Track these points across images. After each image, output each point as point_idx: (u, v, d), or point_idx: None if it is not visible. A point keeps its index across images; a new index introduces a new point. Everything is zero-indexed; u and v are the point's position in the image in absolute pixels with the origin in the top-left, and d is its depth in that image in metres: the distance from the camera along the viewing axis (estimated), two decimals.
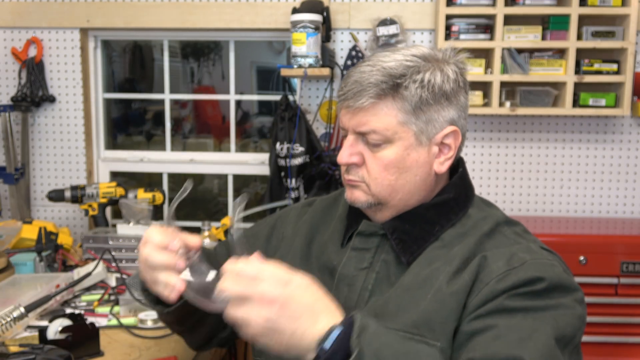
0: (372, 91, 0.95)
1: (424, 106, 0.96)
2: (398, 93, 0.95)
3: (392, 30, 2.44)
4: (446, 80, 0.97)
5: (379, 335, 0.82)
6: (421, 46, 1.02)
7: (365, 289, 1.01)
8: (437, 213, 1.02)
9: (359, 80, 0.96)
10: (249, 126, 3.76)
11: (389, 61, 0.96)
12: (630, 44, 2.34)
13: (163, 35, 2.74)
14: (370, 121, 0.96)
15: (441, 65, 0.98)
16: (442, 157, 1.01)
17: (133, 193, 2.37)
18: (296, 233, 1.18)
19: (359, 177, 1.01)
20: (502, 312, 0.89)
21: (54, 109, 2.70)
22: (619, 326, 2.21)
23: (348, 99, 0.97)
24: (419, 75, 0.95)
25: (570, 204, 2.61)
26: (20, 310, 1.48)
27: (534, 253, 0.96)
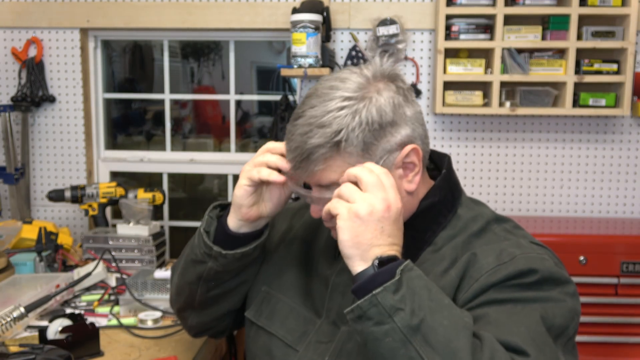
0: (315, 157, 0.93)
1: (372, 145, 0.94)
2: (342, 148, 0.93)
3: (392, 30, 2.44)
4: (384, 113, 0.94)
5: (421, 279, 0.85)
6: (351, 74, 0.97)
7: None
8: (425, 219, 1.02)
9: (299, 147, 0.94)
10: (249, 126, 3.76)
11: (322, 115, 0.93)
12: (630, 44, 2.34)
13: (163, 35, 2.74)
14: (327, 177, 0.95)
15: (374, 96, 0.94)
16: (410, 175, 0.99)
17: (133, 193, 2.37)
18: (294, 235, 1.18)
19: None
20: (492, 303, 0.89)
21: (54, 109, 2.70)
22: (619, 326, 2.21)
23: (297, 168, 0.96)
24: (355, 121, 0.92)
25: (570, 204, 2.61)
26: (20, 310, 1.48)
27: (524, 248, 0.96)
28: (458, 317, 0.83)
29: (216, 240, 1.09)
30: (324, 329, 1.05)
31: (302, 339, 1.06)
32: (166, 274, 1.72)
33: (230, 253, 1.08)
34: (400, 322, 0.80)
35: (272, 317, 1.11)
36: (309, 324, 1.07)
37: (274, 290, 1.14)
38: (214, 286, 1.14)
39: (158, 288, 1.68)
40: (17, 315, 1.48)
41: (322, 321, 1.06)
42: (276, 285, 1.14)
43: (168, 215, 2.82)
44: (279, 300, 1.12)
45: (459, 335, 0.80)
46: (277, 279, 1.15)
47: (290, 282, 1.13)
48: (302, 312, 1.08)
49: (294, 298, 1.10)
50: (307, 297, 1.10)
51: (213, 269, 1.11)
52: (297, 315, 1.09)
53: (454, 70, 2.43)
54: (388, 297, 0.81)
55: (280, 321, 1.09)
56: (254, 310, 1.15)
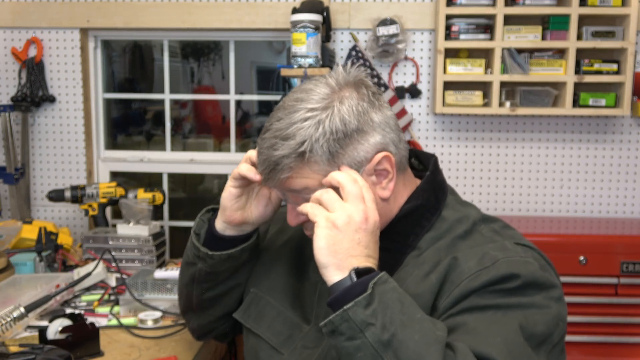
0: (281, 167, 0.94)
1: (338, 154, 0.94)
2: (307, 159, 0.93)
3: (392, 30, 2.44)
4: (347, 122, 0.93)
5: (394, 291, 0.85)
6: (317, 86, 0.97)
7: None
8: (407, 223, 1.01)
9: (267, 159, 0.95)
10: (249, 126, 3.75)
11: (287, 127, 0.93)
12: (630, 44, 2.34)
13: (163, 35, 2.74)
14: (297, 185, 0.96)
15: (337, 106, 0.94)
16: (384, 182, 0.98)
17: (133, 193, 2.37)
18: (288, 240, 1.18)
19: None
20: (473, 310, 0.88)
21: (54, 109, 2.70)
22: (619, 326, 2.21)
23: (267, 179, 0.98)
24: (319, 132, 0.92)
25: (570, 204, 2.61)
26: (20, 310, 1.48)
27: (508, 251, 0.95)
28: (430, 331, 0.82)
29: (205, 242, 1.12)
30: (311, 335, 1.05)
31: (287, 343, 1.06)
32: (166, 274, 1.72)
33: (216, 254, 1.11)
34: (372, 337, 0.81)
35: (260, 319, 1.11)
36: (295, 329, 1.07)
37: (262, 292, 1.14)
38: (207, 288, 1.16)
39: (158, 288, 1.68)
40: (17, 315, 1.48)
41: (311, 327, 1.06)
42: (265, 287, 1.14)
43: (168, 215, 2.82)
44: (267, 302, 1.12)
45: (430, 350, 0.80)
46: (266, 280, 1.15)
47: (280, 285, 1.13)
48: (290, 316, 1.09)
49: (282, 302, 1.11)
50: (295, 301, 1.10)
51: (203, 270, 1.13)
52: (284, 318, 1.09)
53: (454, 70, 2.43)
54: (359, 312, 0.82)
55: (268, 323, 1.10)
56: (242, 311, 1.16)
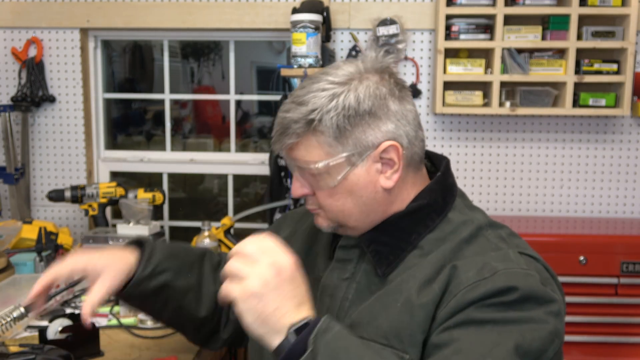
0: (290, 132, 0.96)
1: (345, 132, 0.94)
2: (314, 128, 0.95)
3: (392, 30, 2.44)
4: (362, 100, 0.94)
5: (338, 339, 0.82)
6: (345, 64, 0.99)
7: (346, 299, 1.02)
8: (411, 221, 1.00)
9: (280, 122, 0.98)
10: (249, 126, 3.75)
11: (304, 94, 0.96)
12: (630, 44, 2.34)
13: (163, 35, 2.74)
14: (302, 156, 0.98)
15: (356, 85, 0.95)
16: (389, 172, 0.98)
17: (133, 193, 2.37)
18: (295, 239, 1.18)
19: (315, 205, 1.03)
20: (469, 324, 0.87)
21: (54, 109, 2.70)
22: (619, 326, 2.21)
23: (275, 142, 1.00)
24: (331, 104, 0.94)
25: (570, 204, 2.61)
26: (20, 310, 1.48)
27: (509, 262, 0.93)
28: None
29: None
30: None
31: None
32: None
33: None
34: None
35: None
36: None
37: None
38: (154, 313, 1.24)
39: None
40: (17, 315, 1.47)
41: None
42: None
43: (168, 215, 2.82)
44: None
45: None
46: None
47: None
48: None
49: None
50: None
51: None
52: None
53: (454, 70, 2.43)
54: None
55: None
56: None
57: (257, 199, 3.35)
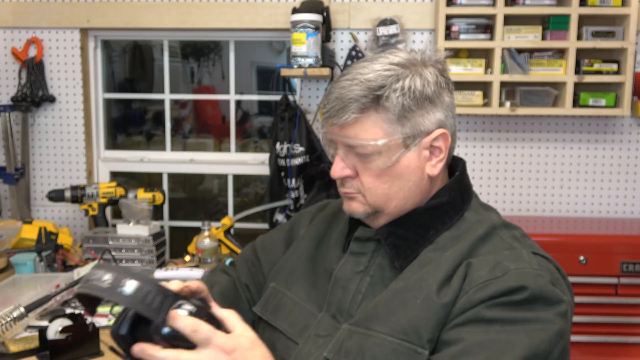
0: (354, 106, 0.95)
1: (408, 113, 0.96)
2: (380, 105, 0.95)
3: (392, 30, 2.44)
4: (427, 84, 0.97)
5: None
6: (399, 52, 1.01)
7: (359, 291, 1.02)
8: (431, 217, 1.02)
9: (339, 97, 0.96)
10: (249, 126, 3.76)
11: (367, 73, 0.96)
12: (630, 44, 2.34)
13: (163, 35, 2.74)
14: (357, 134, 0.97)
15: (420, 70, 0.98)
16: (434, 160, 1.01)
17: (133, 193, 2.37)
18: (306, 235, 1.19)
19: (354, 189, 1.02)
20: (478, 323, 0.88)
21: (54, 109, 2.70)
22: (619, 326, 2.21)
23: (332, 116, 0.98)
24: (398, 84, 0.95)
25: (570, 204, 2.61)
26: (20, 310, 1.48)
27: (522, 261, 0.94)
28: None
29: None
30: (323, 323, 1.04)
31: (302, 333, 1.05)
32: (166, 274, 1.72)
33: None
34: None
35: (276, 312, 1.11)
36: (310, 318, 1.06)
37: (281, 286, 1.14)
38: None
39: None
40: (17, 315, 1.48)
41: (323, 314, 1.05)
42: (284, 282, 1.15)
43: (168, 215, 2.82)
44: (284, 295, 1.12)
45: None
46: (286, 275, 1.15)
47: (297, 278, 1.13)
48: (306, 307, 1.08)
49: (299, 293, 1.10)
50: (312, 291, 1.10)
51: None
52: (300, 309, 1.08)
53: (454, 70, 2.43)
54: None
55: (284, 315, 1.09)
56: (260, 305, 1.15)
57: (257, 199, 3.35)
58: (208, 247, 2.15)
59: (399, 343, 0.92)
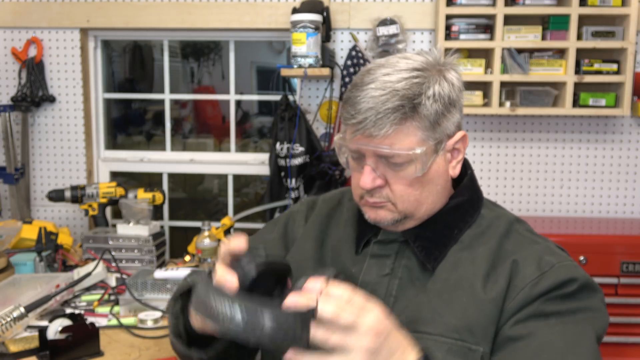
0: (392, 117, 0.92)
1: (440, 119, 0.96)
2: (417, 113, 0.94)
3: (392, 30, 2.44)
4: (452, 89, 0.98)
5: None
6: (414, 55, 0.99)
7: (390, 295, 1.01)
8: (453, 217, 1.03)
9: (374, 107, 0.92)
10: (249, 126, 3.76)
11: (397, 81, 0.94)
12: (630, 44, 2.34)
13: (163, 35, 2.74)
14: (393, 144, 0.94)
15: (444, 73, 0.98)
16: (454, 161, 1.02)
17: (133, 193, 2.37)
18: (306, 235, 1.17)
19: (384, 198, 0.99)
20: (539, 317, 0.91)
21: (54, 109, 2.70)
22: (619, 326, 2.21)
23: (368, 127, 0.93)
24: (430, 90, 0.94)
25: (570, 204, 2.61)
26: (20, 310, 1.48)
27: (558, 255, 0.98)
28: None
29: (191, 340, 0.99)
30: None
31: None
32: (166, 274, 1.72)
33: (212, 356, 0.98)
34: None
35: None
36: None
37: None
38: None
39: (158, 288, 1.68)
40: (17, 315, 1.48)
41: None
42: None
43: (168, 215, 2.82)
44: None
45: None
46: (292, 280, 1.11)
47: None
48: None
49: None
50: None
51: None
52: None
53: None
54: None
55: None
56: None
57: (257, 199, 3.35)
58: (208, 247, 2.15)
59: (452, 342, 0.93)
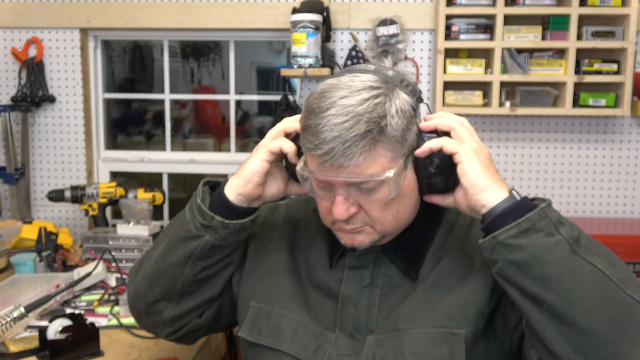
0: (361, 144, 0.87)
1: (405, 134, 0.93)
2: (385, 135, 0.89)
3: (392, 30, 2.44)
4: (410, 100, 0.94)
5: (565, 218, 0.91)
6: (363, 74, 0.94)
7: (373, 306, 1.01)
8: (427, 219, 1.03)
9: (340, 136, 0.87)
10: (249, 126, 3.76)
11: (358, 104, 0.88)
12: (630, 44, 2.34)
13: (163, 35, 2.74)
14: (365, 170, 0.90)
15: (399, 86, 0.94)
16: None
17: (133, 193, 2.37)
18: (278, 246, 1.13)
19: (361, 222, 0.97)
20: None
21: (54, 109, 2.70)
22: None
23: (336, 157, 0.88)
24: (393, 108, 0.90)
25: (570, 204, 2.61)
26: (20, 310, 1.48)
27: None
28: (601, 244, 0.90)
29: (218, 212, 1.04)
30: (341, 342, 1.00)
31: (317, 354, 1.00)
32: None
33: (231, 223, 1.03)
34: (566, 233, 0.86)
35: (278, 335, 1.04)
36: (320, 338, 1.02)
37: (267, 304, 1.07)
38: (203, 267, 1.07)
39: None
40: (17, 315, 1.48)
41: (337, 335, 1.01)
42: (269, 299, 1.08)
43: (168, 215, 2.82)
44: (280, 315, 1.05)
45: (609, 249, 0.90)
46: (269, 292, 1.09)
47: (288, 296, 1.07)
48: (311, 326, 1.03)
49: (298, 311, 1.04)
50: (309, 310, 1.05)
51: (209, 243, 1.04)
52: (305, 329, 1.03)
53: (454, 70, 2.43)
54: (554, 212, 0.88)
55: (290, 338, 1.02)
56: (247, 328, 1.07)
57: None
58: None
59: (434, 331, 0.93)
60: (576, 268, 0.84)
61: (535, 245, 0.84)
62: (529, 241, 0.85)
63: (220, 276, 1.12)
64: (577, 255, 0.85)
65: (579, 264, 0.84)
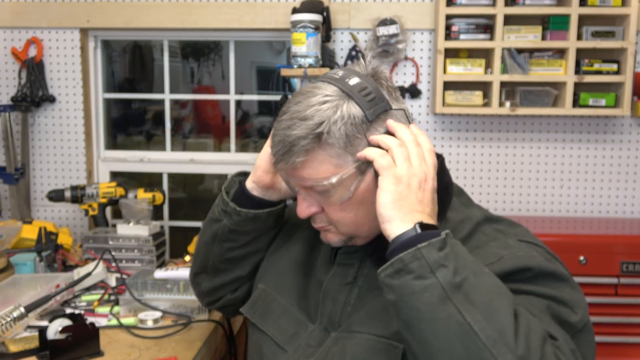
0: (296, 149, 0.92)
1: (354, 141, 0.92)
2: (322, 142, 0.91)
3: (392, 30, 2.44)
4: (358, 111, 0.93)
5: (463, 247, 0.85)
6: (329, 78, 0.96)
7: (348, 303, 1.03)
8: None
9: (282, 140, 0.93)
10: (249, 126, 3.75)
11: (304, 110, 0.92)
12: (630, 44, 2.34)
13: (163, 35, 2.74)
14: (310, 175, 0.94)
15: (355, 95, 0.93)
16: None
17: (133, 193, 2.37)
18: (298, 238, 1.19)
19: (325, 222, 1.01)
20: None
21: (54, 109, 2.70)
22: (619, 326, 2.21)
23: (279, 160, 0.95)
24: (337, 115, 0.91)
25: (570, 204, 2.61)
26: (20, 310, 1.49)
27: (511, 248, 0.95)
28: (500, 284, 0.82)
29: (234, 199, 1.16)
30: (315, 334, 1.05)
31: (292, 340, 1.06)
32: (166, 274, 1.72)
33: (243, 211, 1.14)
34: (443, 278, 0.78)
35: (266, 316, 1.12)
36: (300, 327, 1.07)
37: (270, 289, 1.15)
38: (228, 248, 1.19)
39: (158, 288, 1.68)
40: (17, 315, 1.48)
41: (316, 326, 1.06)
42: (273, 285, 1.15)
43: (168, 215, 2.82)
44: (274, 299, 1.13)
45: (501, 298, 0.79)
46: (275, 278, 1.16)
47: (288, 284, 1.14)
48: (295, 314, 1.09)
49: (290, 299, 1.11)
50: (302, 299, 1.11)
51: (227, 226, 1.16)
52: (290, 316, 1.09)
53: (454, 70, 2.43)
54: (433, 252, 0.80)
55: (274, 320, 1.10)
56: (248, 306, 1.17)
57: None
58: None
59: (377, 340, 0.94)
60: (440, 318, 0.77)
61: (404, 288, 0.80)
62: (399, 283, 0.81)
63: (248, 260, 1.22)
64: (450, 303, 0.77)
65: (446, 313, 0.77)
